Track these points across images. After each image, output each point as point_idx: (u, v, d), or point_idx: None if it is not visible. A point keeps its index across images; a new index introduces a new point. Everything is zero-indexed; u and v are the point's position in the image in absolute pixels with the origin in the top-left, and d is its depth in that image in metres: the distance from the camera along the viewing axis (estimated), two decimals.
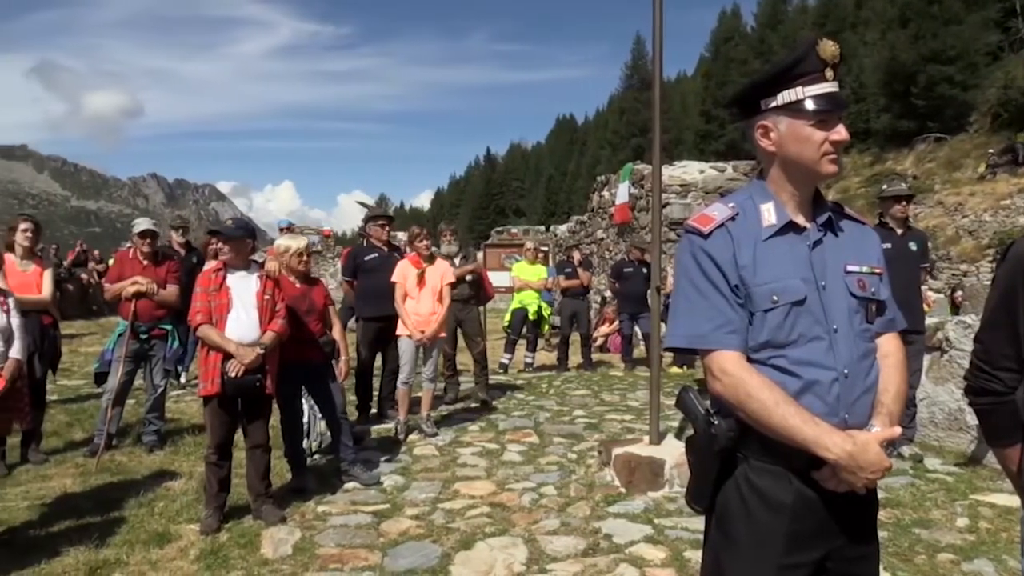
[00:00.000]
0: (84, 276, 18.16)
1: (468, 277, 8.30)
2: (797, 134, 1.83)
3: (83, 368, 10.07)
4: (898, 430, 1.82)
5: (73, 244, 20.00)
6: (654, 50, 5.44)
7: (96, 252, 19.97)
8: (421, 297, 6.73)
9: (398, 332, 6.79)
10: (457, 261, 8.25)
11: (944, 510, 4.84)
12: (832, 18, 46.50)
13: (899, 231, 6.05)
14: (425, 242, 6.90)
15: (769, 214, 1.88)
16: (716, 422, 1.85)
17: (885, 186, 6.36)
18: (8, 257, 5.75)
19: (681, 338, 1.89)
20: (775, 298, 1.80)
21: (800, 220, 1.89)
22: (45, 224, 6.39)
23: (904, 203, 6.12)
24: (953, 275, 23.20)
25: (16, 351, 4.24)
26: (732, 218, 1.88)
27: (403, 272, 6.78)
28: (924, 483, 5.39)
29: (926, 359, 6.36)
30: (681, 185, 14.76)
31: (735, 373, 1.79)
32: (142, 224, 6.58)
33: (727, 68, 50.82)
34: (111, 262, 7.68)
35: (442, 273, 6.85)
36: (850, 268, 1.88)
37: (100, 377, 6.43)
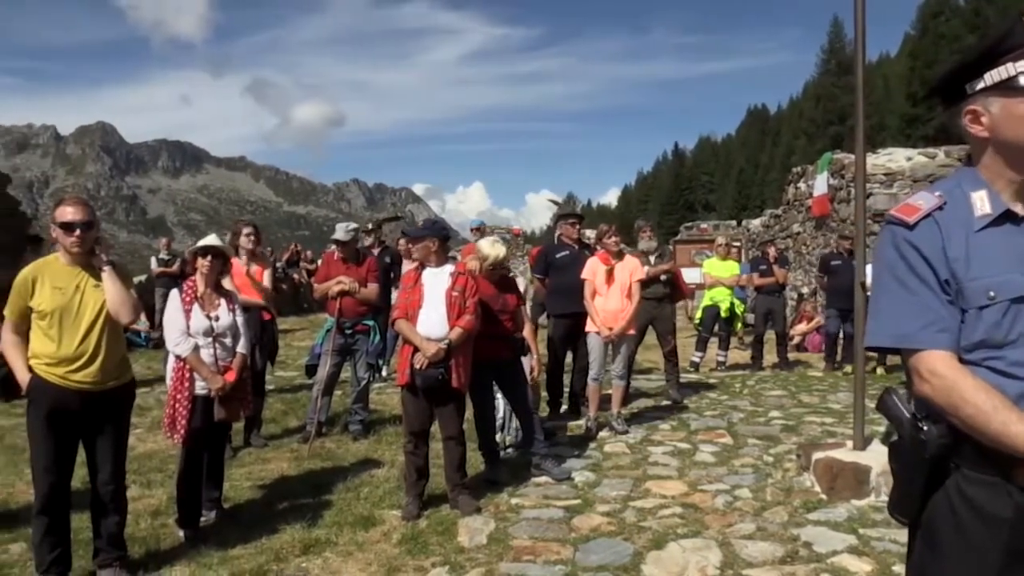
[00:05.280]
0: (296, 276, 19.51)
1: (663, 276, 8.20)
2: (1013, 114, 1.66)
3: (296, 361, 10.85)
4: None
5: (286, 246, 21.51)
6: (856, 30, 5.12)
7: (308, 253, 21.36)
8: (610, 294, 6.71)
9: (587, 329, 6.82)
10: (652, 259, 8.17)
11: None
12: None
13: None
14: (614, 238, 6.87)
15: (982, 203, 1.71)
16: (926, 428, 1.69)
17: None
18: (233, 260, 6.30)
19: (886, 337, 1.76)
20: (992, 294, 1.64)
21: (1018, 209, 1.71)
22: (262, 228, 6.93)
23: None
24: None
25: (241, 346, 4.66)
26: (939, 207, 1.72)
27: (592, 269, 6.80)
28: None
29: None
30: (886, 174, 13.80)
31: (947, 375, 1.63)
32: (335, 233, 6.96)
33: (936, 46, 46.83)
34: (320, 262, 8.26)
35: (631, 270, 6.80)
36: None
37: (310, 369, 6.92)
